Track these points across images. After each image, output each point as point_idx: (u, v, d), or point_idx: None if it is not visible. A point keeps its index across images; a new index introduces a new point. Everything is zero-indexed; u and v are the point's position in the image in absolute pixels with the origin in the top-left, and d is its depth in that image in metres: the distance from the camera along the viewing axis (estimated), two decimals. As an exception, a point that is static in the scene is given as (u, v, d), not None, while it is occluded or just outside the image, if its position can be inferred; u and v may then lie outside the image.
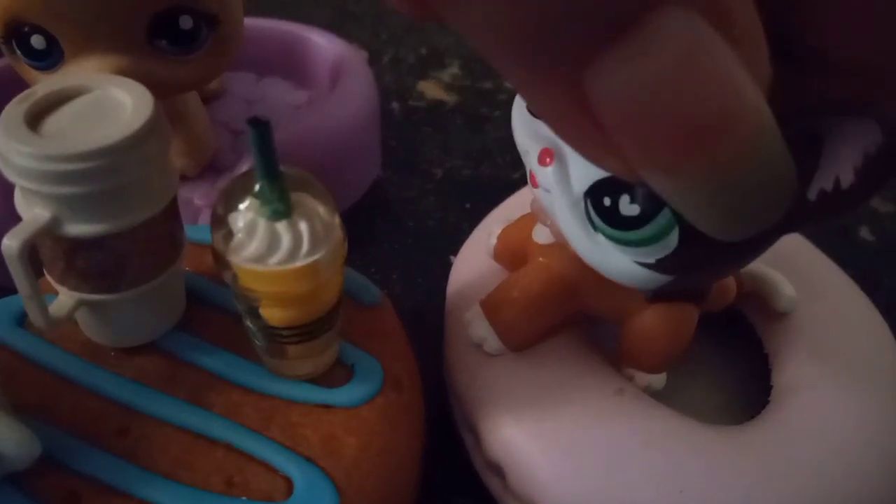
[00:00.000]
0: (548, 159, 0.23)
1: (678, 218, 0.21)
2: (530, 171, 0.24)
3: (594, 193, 0.22)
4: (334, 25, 0.50)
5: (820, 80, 0.15)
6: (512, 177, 0.48)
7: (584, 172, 0.22)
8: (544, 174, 0.23)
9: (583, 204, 0.22)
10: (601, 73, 0.11)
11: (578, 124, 0.12)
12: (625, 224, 0.22)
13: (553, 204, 0.23)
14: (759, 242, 0.23)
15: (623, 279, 0.23)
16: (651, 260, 0.22)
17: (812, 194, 0.19)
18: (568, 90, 0.12)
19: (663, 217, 0.21)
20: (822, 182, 0.19)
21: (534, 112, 0.24)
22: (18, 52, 0.31)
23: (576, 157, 0.22)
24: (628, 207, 0.21)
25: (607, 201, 0.22)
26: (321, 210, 0.22)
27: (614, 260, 0.23)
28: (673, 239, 0.21)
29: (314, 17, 0.62)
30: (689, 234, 0.21)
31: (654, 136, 0.12)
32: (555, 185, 0.23)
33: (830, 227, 0.44)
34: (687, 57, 0.11)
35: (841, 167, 0.19)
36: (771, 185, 0.13)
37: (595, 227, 0.23)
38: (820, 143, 0.19)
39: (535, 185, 0.24)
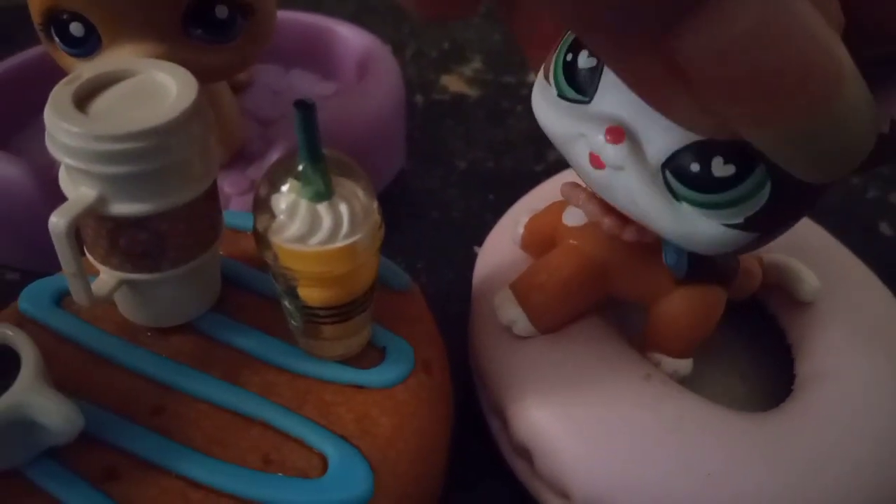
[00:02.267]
0: (616, 136, 0.22)
1: (771, 171, 0.21)
2: (590, 154, 0.23)
3: (676, 162, 0.22)
4: (357, 19, 0.50)
5: (876, 31, 0.16)
6: (534, 169, 0.49)
7: (661, 143, 0.22)
8: (613, 152, 0.22)
9: (661, 176, 0.22)
10: (689, 35, 0.12)
11: (672, 90, 0.13)
12: (718, 186, 0.21)
13: (625, 182, 0.23)
14: (832, 185, 0.23)
15: (708, 246, 0.23)
16: (740, 219, 0.22)
17: (885, 126, 0.19)
18: (660, 58, 0.12)
19: (758, 173, 0.21)
20: (880, 125, 0.19)
21: (576, 98, 0.23)
22: (57, 39, 0.32)
23: (649, 130, 0.22)
24: (722, 168, 0.21)
25: (695, 167, 0.21)
26: (360, 193, 0.23)
27: (699, 227, 0.22)
28: (765, 194, 0.21)
29: (337, 11, 0.63)
30: (780, 187, 0.21)
31: (744, 91, 0.12)
32: (629, 160, 0.22)
33: (850, 222, 0.45)
34: (767, 14, 0.12)
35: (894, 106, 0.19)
36: (856, 127, 0.13)
37: (678, 197, 0.22)
38: (873, 88, 0.19)
39: (599, 166, 0.23)
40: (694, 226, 0.22)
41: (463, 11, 0.15)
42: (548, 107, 0.24)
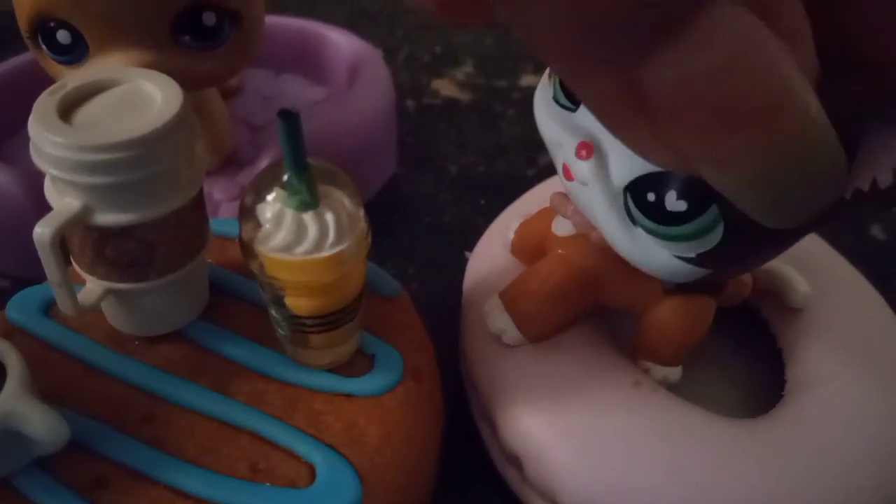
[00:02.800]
0: (584, 152, 0.23)
1: (724, 214, 0.21)
2: (563, 164, 0.24)
3: (636, 188, 0.22)
4: (349, 24, 0.50)
5: (859, 84, 0.16)
6: (526, 174, 0.49)
7: (626, 166, 0.22)
8: (581, 167, 0.23)
9: (622, 198, 0.22)
10: (656, 67, 0.12)
11: (631, 118, 0.13)
12: (670, 219, 0.21)
13: (589, 197, 0.23)
14: (796, 234, 0.23)
15: (660, 273, 0.23)
16: (692, 254, 0.22)
17: (847, 193, 0.19)
18: (623, 85, 0.12)
19: (710, 213, 0.21)
20: (859, 182, 0.19)
21: (565, 105, 0.24)
22: (44, 47, 0.32)
23: (616, 151, 0.22)
24: (675, 203, 0.21)
25: (651, 196, 0.21)
26: (347, 202, 0.23)
27: (652, 253, 0.23)
28: (717, 234, 0.21)
29: (329, 15, 0.63)
30: (734, 229, 0.21)
31: (707, 128, 0.12)
32: (592, 178, 0.22)
33: (843, 225, 0.45)
34: (738, 52, 0.11)
35: (878, 168, 0.19)
36: (822, 174, 0.13)
37: (635, 222, 0.22)
38: (856, 144, 0.19)
39: (569, 178, 0.23)
40: (648, 252, 0.23)
41: (479, 16, 0.15)
42: (543, 107, 0.25)
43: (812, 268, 0.32)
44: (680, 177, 0.21)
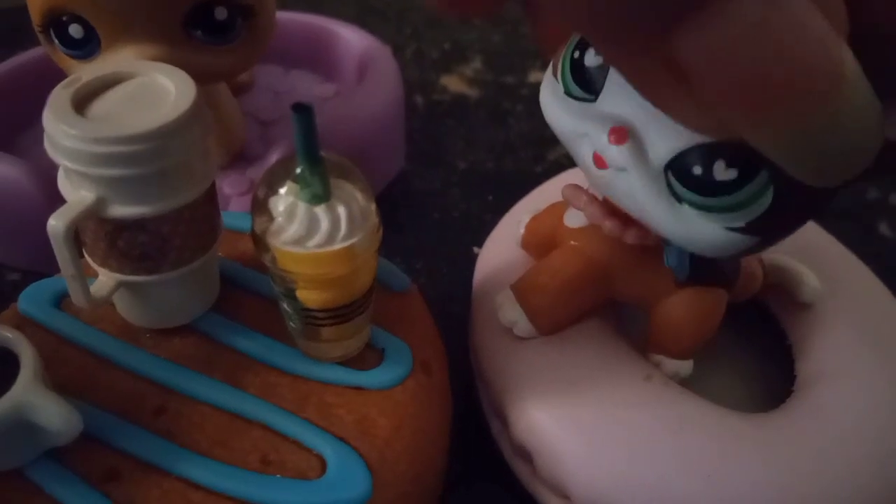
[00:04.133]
0: (620, 137, 0.22)
1: (773, 177, 0.21)
2: (594, 154, 0.23)
3: (679, 164, 0.21)
4: (357, 20, 0.50)
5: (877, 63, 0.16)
6: (534, 170, 0.49)
7: (664, 144, 0.22)
8: (617, 153, 0.22)
9: (663, 177, 0.22)
10: (688, 35, 0.12)
11: (674, 89, 0.13)
12: (720, 189, 0.21)
13: (627, 183, 0.23)
14: (837, 192, 0.22)
15: (710, 248, 0.22)
16: (741, 223, 0.22)
17: (891, 133, 0.19)
18: (662, 55, 0.12)
19: (761, 178, 0.21)
20: (888, 132, 0.19)
21: (582, 97, 0.23)
22: (56, 41, 0.32)
23: (652, 131, 0.22)
24: (724, 172, 0.21)
25: (698, 170, 0.21)
26: (359, 196, 0.23)
27: (701, 229, 0.22)
28: (767, 198, 0.21)
29: (338, 11, 0.63)
30: (783, 192, 0.21)
31: (743, 91, 0.12)
32: (631, 161, 0.22)
33: (850, 223, 0.45)
34: (767, 14, 0.12)
35: None
36: (861, 129, 0.13)
37: (680, 199, 0.22)
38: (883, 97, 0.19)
39: (602, 166, 0.23)
40: (695, 228, 0.22)
41: (487, 9, 0.15)
42: (555, 104, 0.24)
43: (821, 263, 0.32)
44: (726, 145, 0.21)
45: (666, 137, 0.21)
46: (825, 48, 0.12)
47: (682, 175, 0.21)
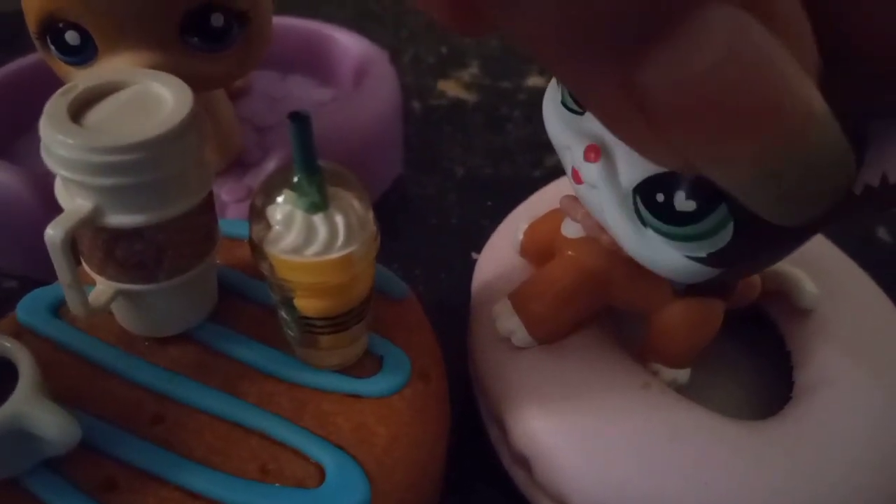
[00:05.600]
0: (593, 155, 0.23)
1: (733, 213, 0.21)
2: (572, 167, 0.24)
3: (645, 189, 0.22)
4: (354, 25, 0.50)
5: (866, 83, 0.16)
6: (532, 175, 0.49)
7: (634, 168, 0.22)
8: (589, 170, 0.23)
9: (631, 199, 0.22)
10: (651, 69, 0.12)
11: (633, 121, 0.13)
12: (679, 219, 0.21)
13: (598, 200, 0.23)
14: (806, 233, 0.23)
15: (671, 273, 0.23)
16: (702, 254, 0.22)
17: (857, 189, 0.19)
18: (621, 88, 0.12)
19: (719, 212, 0.21)
20: (868, 178, 0.19)
21: (573, 109, 0.24)
22: (52, 47, 0.32)
23: (624, 153, 0.22)
24: (684, 203, 0.21)
25: (661, 197, 0.21)
26: (356, 204, 0.23)
27: (663, 254, 0.22)
28: (727, 233, 0.21)
29: (335, 16, 0.63)
30: (743, 228, 0.21)
31: (707, 128, 0.12)
32: (601, 180, 0.23)
33: (848, 228, 0.45)
34: (732, 51, 0.11)
35: (888, 163, 0.19)
36: (828, 169, 0.13)
37: (644, 223, 0.22)
38: (865, 140, 0.19)
39: (578, 182, 0.23)
40: (658, 252, 0.22)
41: (479, 31, 0.15)
42: (552, 110, 0.25)
43: (820, 270, 0.32)
44: (688, 177, 0.21)
45: (634, 161, 0.22)
46: (793, 86, 0.12)
47: (647, 200, 0.22)
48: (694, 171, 0.13)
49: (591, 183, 0.23)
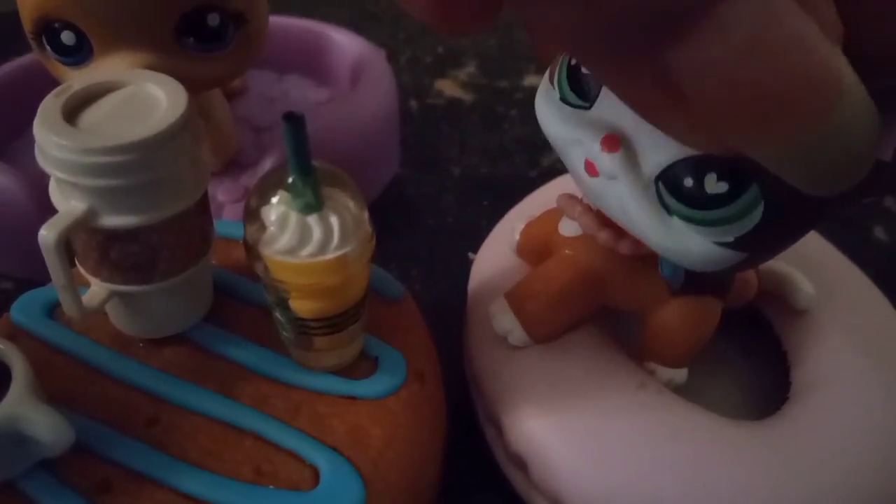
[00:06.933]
0: (611, 145, 0.22)
1: (764, 193, 0.21)
2: (586, 161, 0.23)
3: (670, 176, 0.21)
4: (351, 24, 0.50)
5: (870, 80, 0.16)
6: (529, 175, 0.49)
7: (656, 156, 0.22)
8: (608, 161, 0.22)
9: (654, 188, 0.22)
10: (681, 53, 0.12)
11: (668, 108, 0.13)
12: (710, 202, 0.21)
13: (617, 192, 0.23)
14: (829, 208, 0.22)
15: (697, 262, 0.23)
16: (730, 238, 0.22)
17: (887, 154, 0.19)
18: (654, 75, 0.12)
19: (752, 192, 0.21)
20: (881, 153, 0.18)
21: (577, 104, 0.23)
22: (48, 48, 0.32)
23: (644, 141, 0.22)
24: (715, 185, 0.21)
25: (689, 182, 0.21)
26: (351, 205, 0.23)
27: (689, 242, 0.22)
28: (757, 214, 0.21)
29: (332, 16, 0.62)
30: (773, 209, 0.21)
31: (739, 107, 0.12)
32: (622, 170, 0.22)
33: (846, 227, 0.45)
34: (760, 28, 0.11)
35: None
36: (859, 137, 0.13)
37: (670, 211, 0.22)
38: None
39: (594, 174, 0.23)
40: (684, 241, 0.22)
41: (476, 24, 0.15)
42: (549, 110, 0.24)
43: (816, 269, 0.32)
44: (718, 159, 0.21)
45: (658, 148, 0.21)
46: (822, 60, 0.12)
47: (672, 186, 0.21)
48: (732, 151, 0.13)
49: (610, 174, 0.22)
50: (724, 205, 0.21)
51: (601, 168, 0.22)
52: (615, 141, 0.22)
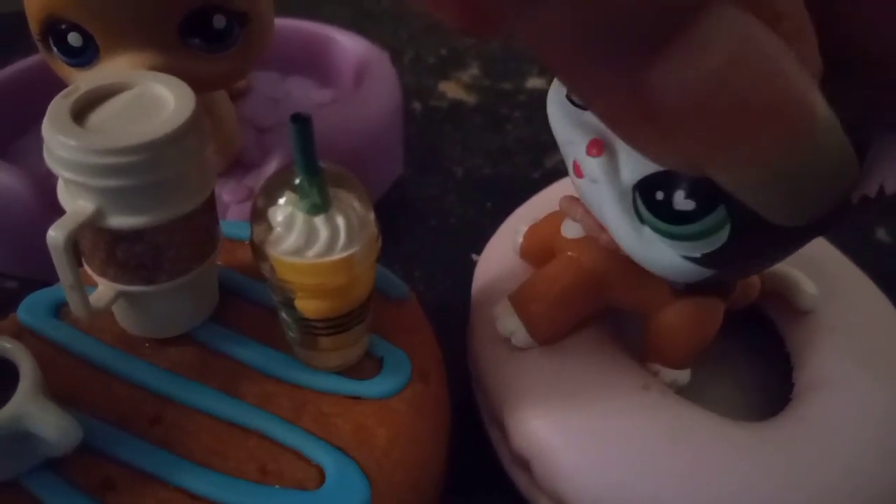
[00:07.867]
0: (596, 150, 0.23)
1: (731, 214, 0.21)
2: (574, 161, 0.24)
3: (645, 186, 0.22)
4: (355, 26, 0.50)
5: (866, 90, 0.16)
6: (532, 176, 0.49)
7: (635, 165, 0.22)
8: (591, 164, 0.23)
9: (631, 196, 0.22)
10: (659, 72, 0.12)
11: (639, 124, 0.13)
12: (677, 218, 0.22)
13: (598, 195, 0.23)
14: (802, 237, 0.23)
15: (665, 272, 0.23)
16: (697, 254, 0.22)
17: (854, 198, 0.20)
18: (629, 90, 0.12)
19: (718, 213, 0.21)
20: (865, 188, 0.19)
21: (577, 103, 0.24)
22: (54, 49, 0.32)
23: (626, 150, 0.22)
24: (683, 202, 0.21)
25: (660, 195, 0.22)
26: (357, 205, 0.23)
27: (658, 253, 0.23)
28: (724, 234, 0.21)
29: (334, 17, 0.63)
30: (740, 230, 0.21)
31: (712, 131, 0.12)
32: (602, 175, 0.23)
33: (847, 228, 0.45)
34: (738, 53, 0.11)
35: (886, 175, 0.19)
36: (831, 172, 0.13)
37: (642, 220, 0.23)
38: (862, 151, 0.19)
39: (579, 175, 0.23)
40: (654, 251, 0.23)
41: (496, 31, 0.15)
42: (556, 105, 0.25)
43: (819, 271, 0.32)
44: (689, 176, 0.21)
45: (636, 158, 0.22)
46: (797, 88, 0.12)
47: (646, 197, 0.22)
48: (698, 172, 0.13)
49: (592, 177, 0.23)
50: (690, 222, 0.21)
51: (586, 170, 0.23)
52: (600, 145, 0.23)
